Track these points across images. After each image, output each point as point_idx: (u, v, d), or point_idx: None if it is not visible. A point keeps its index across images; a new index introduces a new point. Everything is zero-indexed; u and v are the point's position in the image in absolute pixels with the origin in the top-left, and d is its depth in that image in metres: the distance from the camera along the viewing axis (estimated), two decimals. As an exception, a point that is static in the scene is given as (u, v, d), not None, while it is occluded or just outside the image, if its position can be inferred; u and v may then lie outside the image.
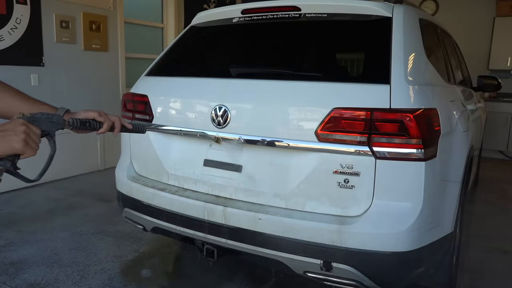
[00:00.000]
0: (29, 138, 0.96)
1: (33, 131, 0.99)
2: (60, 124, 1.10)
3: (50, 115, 1.07)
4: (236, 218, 1.81)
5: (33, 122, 1.01)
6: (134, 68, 5.26)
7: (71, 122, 1.14)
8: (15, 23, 3.94)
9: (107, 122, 1.24)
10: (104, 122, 1.24)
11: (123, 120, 1.31)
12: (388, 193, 1.63)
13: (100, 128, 1.23)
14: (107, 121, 1.25)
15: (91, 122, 1.20)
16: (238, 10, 2.20)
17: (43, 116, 1.05)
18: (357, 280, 1.68)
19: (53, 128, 1.08)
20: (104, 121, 1.23)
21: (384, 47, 1.78)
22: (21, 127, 0.96)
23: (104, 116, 1.25)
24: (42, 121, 1.05)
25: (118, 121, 1.28)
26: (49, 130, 1.07)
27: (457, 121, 2.03)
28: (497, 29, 6.64)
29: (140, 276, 2.53)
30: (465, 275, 2.60)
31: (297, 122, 1.74)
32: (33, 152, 0.99)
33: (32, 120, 1.01)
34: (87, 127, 1.20)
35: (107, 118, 1.25)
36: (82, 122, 1.18)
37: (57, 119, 1.09)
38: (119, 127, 1.28)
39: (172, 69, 2.32)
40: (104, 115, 1.25)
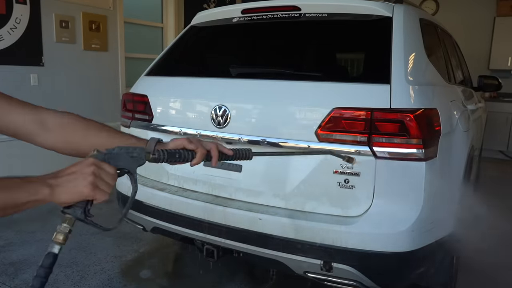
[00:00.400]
0: (99, 180, 0.83)
1: (106, 171, 0.85)
2: (142, 159, 0.94)
3: (130, 149, 0.92)
4: (236, 218, 1.81)
5: (108, 160, 0.88)
6: (134, 68, 5.26)
7: (156, 155, 0.97)
8: (14, 23, 3.94)
9: (200, 150, 1.04)
10: (196, 151, 1.04)
11: (221, 147, 1.09)
12: (388, 193, 1.63)
13: (193, 159, 1.04)
14: (200, 148, 1.04)
15: (181, 152, 1.02)
16: (238, 10, 2.20)
17: (122, 150, 0.91)
18: (357, 280, 1.67)
19: (133, 164, 0.93)
20: (196, 149, 1.04)
21: (385, 47, 1.77)
22: (89, 168, 0.83)
23: (195, 143, 1.05)
24: (120, 156, 0.90)
25: (214, 149, 1.07)
26: (129, 167, 0.92)
27: (458, 121, 2.03)
28: (497, 29, 6.63)
29: (140, 276, 2.53)
30: (465, 275, 2.60)
31: (297, 122, 1.74)
32: (105, 197, 0.84)
33: (107, 157, 0.88)
34: (177, 159, 1.02)
35: (200, 145, 1.05)
36: (170, 153, 1.00)
37: (139, 153, 0.93)
38: (217, 156, 1.07)
39: (172, 69, 2.32)
40: (196, 142, 1.05)
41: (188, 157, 1.03)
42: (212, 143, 1.08)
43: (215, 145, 1.07)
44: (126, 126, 2.28)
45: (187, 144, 1.03)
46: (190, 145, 1.04)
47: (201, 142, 1.06)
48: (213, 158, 1.06)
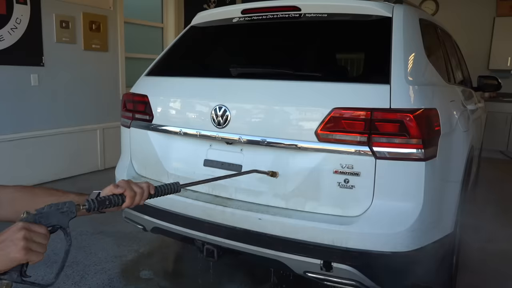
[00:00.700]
0: (31, 243, 0.83)
1: (37, 232, 0.86)
2: (73, 213, 0.96)
3: (60, 205, 0.94)
4: (236, 218, 1.81)
5: (39, 220, 0.89)
6: (134, 68, 5.26)
7: (86, 206, 1.00)
8: (15, 23, 3.94)
9: (127, 192, 1.06)
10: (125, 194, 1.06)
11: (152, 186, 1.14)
12: (388, 193, 1.63)
13: (123, 202, 1.07)
14: (128, 191, 1.06)
15: (111, 198, 1.05)
16: (238, 10, 2.20)
17: (51, 208, 0.92)
18: (357, 280, 1.67)
19: (65, 219, 0.95)
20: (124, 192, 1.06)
21: (384, 47, 1.78)
22: (19, 233, 0.83)
23: (122, 187, 1.07)
24: (51, 214, 0.92)
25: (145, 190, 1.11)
26: (61, 223, 0.94)
27: (457, 121, 2.03)
28: (497, 29, 6.63)
29: (140, 276, 2.53)
30: (465, 275, 2.60)
31: (297, 122, 1.74)
32: (40, 257, 0.86)
33: (38, 218, 0.89)
34: (107, 205, 1.04)
35: (128, 187, 1.07)
36: (100, 201, 1.03)
37: (69, 207, 0.95)
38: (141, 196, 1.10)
39: (172, 69, 2.32)
40: (124, 185, 1.07)
41: (118, 201, 1.06)
42: (144, 183, 1.12)
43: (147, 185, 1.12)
44: (126, 126, 2.28)
45: (114, 189, 1.06)
46: (117, 190, 1.06)
47: (129, 184, 1.09)
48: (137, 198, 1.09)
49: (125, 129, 2.31)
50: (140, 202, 1.11)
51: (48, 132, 4.36)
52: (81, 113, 4.70)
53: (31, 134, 4.20)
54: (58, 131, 4.46)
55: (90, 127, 4.81)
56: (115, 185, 1.08)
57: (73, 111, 4.61)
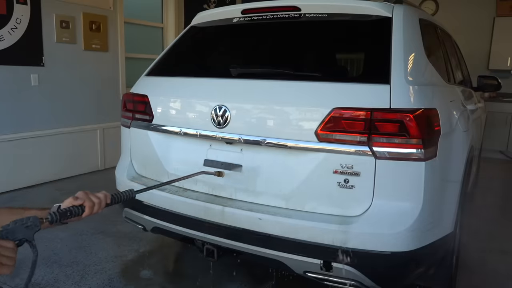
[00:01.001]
0: (0, 257, 0.90)
1: (5, 247, 0.92)
2: (37, 226, 1.03)
3: (24, 220, 1.01)
4: (236, 218, 1.81)
5: (6, 236, 0.95)
6: (134, 68, 5.26)
7: (49, 218, 1.09)
8: (15, 23, 3.94)
9: (87, 203, 1.17)
10: (84, 204, 1.17)
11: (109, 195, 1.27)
12: (388, 193, 1.63)
13: (83, 212, 1.17)
14: (87, 201, 1.17)
15: (71, 210, 1.14)
16: (238, 10, 2.20)
17: (16, 224, 0.99)
18: (357, 280, 1.68)
19: (30, 232, 1.01)
20: (83, 203, 1.17)
21: (384, 47, 1.78)
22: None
23: (81, 198, 1.17)
24: (17, 230, 0.98)
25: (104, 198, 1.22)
26: (26, 236, 1.00)
27: (457, 121, 2.03)
28: (497, 29, 6.63)
29: (140, 276, 2.53)
30: (465, 275, 2.60)
31: (297, 122, 1.74)
32: (9, 270, 0.92)
33: (4, 234, 0.95)
34: (69, 216, 1.14)
35: (86, 198, 1.17)
36: (61, 213, 1.11)
37: (33, 221, 1.02)
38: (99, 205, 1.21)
39: (172, 69, 2.32)
40: (83, 197, 1.18)
41: (78, 212, 1.16)
42: (101, 193, 1.24)
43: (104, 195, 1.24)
44: (126, 126, 2.28)
45: (73, 201, 1.17)
46: (77, 201, 1.17)
47: (87, 195, 1.20)
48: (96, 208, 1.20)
49: (125, 129, 2.31)
50: (98, 210, 1.21)
51: (48, 132, 4.36)
52: (81, 113, 4.70)
53: (31, 134, 4.20)
54: (58, 131, 4.46)
55: (90, 127, 4.81)
56: (74, 197, 1.18)
57: (73, 111, 4.61)
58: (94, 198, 1.20)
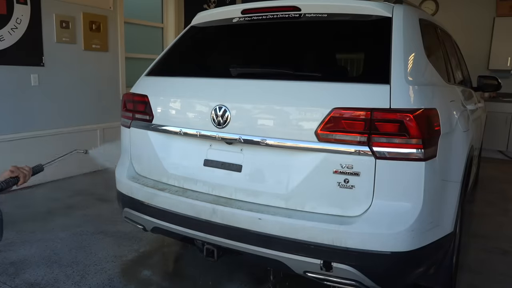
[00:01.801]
0: None
1: None
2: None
3: None
4: (236, 218, 1.81)
5: None
6: (134, 68, 5.26)
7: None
8: (15, 23, 3.94)
9: (21, 175, 1.64)
10: (19, 176, 1.64)
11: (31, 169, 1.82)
12: (388, 193, 1.63)
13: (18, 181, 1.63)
14: (21, 173, 1.65)
15: (8, 181, 1.49)
16: (238, 10, 2.20)
17: None
18: (357, 280, 1.68)
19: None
20: (18, 175, 1.59)
21: (384, 47, 1.78)
22: None
23: (15, 171, 1.66)
24: None
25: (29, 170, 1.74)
26: None
27: (457, 121, 2.03)
28: (497, 29, 6.64)
29: (140, 276, 2.53)
30: (465, 275, 2.60)
31: (297, 122, 1.74)
32: None
33: None
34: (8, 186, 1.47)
35: (19, 171, 1.67)
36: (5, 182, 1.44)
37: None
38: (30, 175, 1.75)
39: (172, 69, 2.32)
40: (16, 170, 1.67)
41: (15, 181, 1.60)
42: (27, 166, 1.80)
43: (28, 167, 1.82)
44: (126, 126, 2.28)
45: (10, 174, 1.67)
46: (13, 174, 1.67)
47: (19, 168, 1.71)
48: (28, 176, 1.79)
49: (125, 129, 2.31)
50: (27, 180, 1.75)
51: (48, 132, 4.36)
52: (81, 113, 4.70)
53: (31, 134, 4.20)
54: (58, 131, 4.46)
55: (90, 127, 4.81)
56: (10, 170, 1.64)
57: (73, 111, 4.61)
58: (23, 171, 1.72)
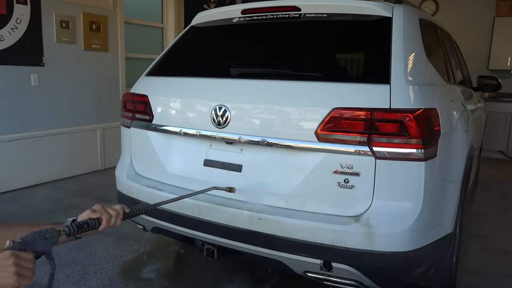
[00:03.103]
0: (21, 268, 0.90)
1: (25, 258, 0.93)
2: (55, 238, 1.03)
3: (42, 232, 1.01)
4: (236, 218, 1.81)
5: (24, 247, 0.95)
6: (134, 68, 5.26)
7: (66, 230, 1.08)
8: (15, 23, 3.94)
9: (104, 216, 1.17)
10: (101, 217, 1.17)
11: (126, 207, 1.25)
12: (388, 193, 1.63)
13: (99, 225, 1.17)
14: (105, 214, 1.17)
15: (88, 223, 1.14)
16: (238, 10, 2.20)
17: (35, 235, 0.99)
18: (357, 280, 1.68)
19: (48, 244, 1.01)
20: (101, 216, 1.17)
21: (384, 47, 1.78)
22: (9, 260, 0.89)
23: (99, 211, 1.18)
24: (35, 241, 0.98)
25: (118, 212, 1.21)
26: (45, 248, 1.00)
27: (457, 121, 2.03)
28: (497, 29, 6.64)
29: (140, 276, 2.53)
30: (465, 275, 2.60)
31: (297, 122, 1.74)
32: (30, 280, 0.93)
33: (23, 245, 0.95)
34: (85, 229, 1.14)
35: (104, 211, 1.18)
36: (78, 226, 1.12)
37: (51, 233, 1.02)
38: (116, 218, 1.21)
39: (172, 69, 2.32)
40: (100, 209, 1.18)
41: (95, 225, 1.16)
42: (118, 206, 1.24)
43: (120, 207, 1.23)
44: (126, 126, 2.28)
45: (91, 214, 1.16)
46: (94, 214, 1.17)
47: (105, 208, 1.19)
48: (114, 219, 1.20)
49: (125, 129, 2.31)
50: (115, 224, 1.21)
51: (48, 132, 4.36)
52: (81, 113, 4.70)
53: (31, 134, 4.20)
54: (58, 131, 4.46)
55: (90, 127, 4.81)
56: (92, 210, 1.17)
57: (73, 111, 4.61)
58: (111, 211, 1.20)
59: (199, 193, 1.76)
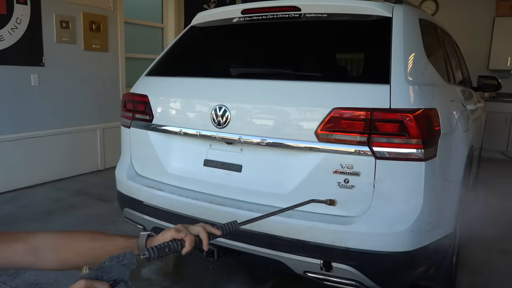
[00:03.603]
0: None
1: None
2: (133, 264, 0.90)
3: (120, 258, 0.89)
4: (236, 218, 1.81)
5: (101, 275, 0.85)
6: (134, 68, 5.26)
7: (146, 255, 0.96)
8: (15, 23, 3.94)
9: (188, 237, 1.03)
10: (185, 239, 1.03)
11: (209, 227, 1.09)
12: (388, 193, 1.63)
13: (182, 248, 1.03)
14: (188, 236, 1.03)
15: (170, 245, 1.01)
16: (238, 10, 2.20)
17: (113, 262, 0.88)
18: (357, 280, 1.68)
19: (126, 272, 0.89)
20: (184, 237, 1.03)
21: (384, 47, 1.78)
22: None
23: (183, 231, 1.04)
24: (112, 268, 0.87)
25: (203, 231, 1.06)
26: (122, 276, 0.88)
27: (457, 121, 2.03)
28: (497, 29, 6.63)
29: (140, 276, 2.53)
30: (465, 275, 2.60)
31: (297, 122, 1.74)
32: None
33: (100, 273, 0.85)
34: (167, 253, 1.01)
35: (188, 232, 1.04)
36: (159, 249, 0.99)
37: (130, 258, 0.90)
38: (206, 238, 1.06)
39: (172, 69, 2.32)
40: (184, 229, 1.04)
41: (178, 247, 1.03)
42: (199, 226, 1.07)
43: (202, 227, 1.07)
44: (126, 126, 2.28)
45: (175, 235, 1.03)
46: (179, 235, 1.03)
47: (188, 228, 1.06)
48: (204, 242, 1.05)
49: (125, 129, 2.31)
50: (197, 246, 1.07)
51: (48, 132, 4.36)
52: (81, 113, 4.70)
53: (31, 134, 4.20)
54: (58, 131, 4.46)
55: (90, 127, 4.81)
56: (176, 229, 1.04)
57: (73, 111, 4.61)
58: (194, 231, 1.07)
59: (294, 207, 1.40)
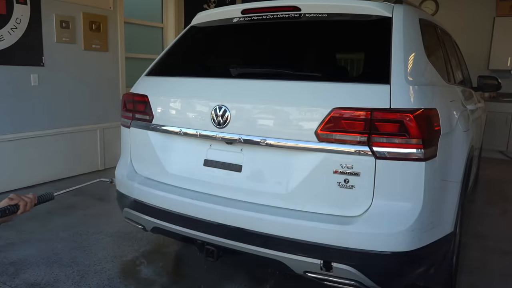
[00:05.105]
0: None
1: None
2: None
3: None
4: (236, 218, 1.81)
5: None
6: (134, 68, 5.26)
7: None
8: (15, 23, 3.94)
9: (21, 202, 1.46)
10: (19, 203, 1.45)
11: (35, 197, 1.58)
12: (388, 193, 1.63)
13: (18, 210, 1.45)
14: (21, 201, 1.46)
15: (8, 208, 1.41)
16: (238, 10, 2.20)
17: None
18: (357, 280, 1.68)
19: None
20: (18, 202, 1.45)
21: (384, 47, 1.78)
22: None
23: (16, 198, 1.47)
24: None
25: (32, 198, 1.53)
26: None
27: (457, 121, 2.03)
28: (497, 29, 6.64)
29: (140, 276, 2.53)
30: (465, 275, 2.60)
31: (297, 122, 1.74)
32: None
33: None
34: (7, 214, 1.39)
35: (20, 199, 1.47)
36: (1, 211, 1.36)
37: None
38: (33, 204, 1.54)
39: (172, 69, 2.32)
40: (16, 198, 1.47)
41: (14, 209, 1.45)
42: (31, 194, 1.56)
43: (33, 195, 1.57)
44: (126, 126, 2.28)
45: (9, 201, 1.46)
46: (13, 201, 1.46)
47: (20, 196, 1.50)
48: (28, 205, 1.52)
49: (125, 129, 2.31)
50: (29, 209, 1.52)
51: (48, 132, 4.36)
52: (81, 113, 4.70)
53: (31, 134, 4.20)
54: (58, 131, 4.46)
55: (90, 127, 4.81)
56: (10, 198, 1.46)
57: (73, 111, 4.61)
58: (26, 198, 1.50)
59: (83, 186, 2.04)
